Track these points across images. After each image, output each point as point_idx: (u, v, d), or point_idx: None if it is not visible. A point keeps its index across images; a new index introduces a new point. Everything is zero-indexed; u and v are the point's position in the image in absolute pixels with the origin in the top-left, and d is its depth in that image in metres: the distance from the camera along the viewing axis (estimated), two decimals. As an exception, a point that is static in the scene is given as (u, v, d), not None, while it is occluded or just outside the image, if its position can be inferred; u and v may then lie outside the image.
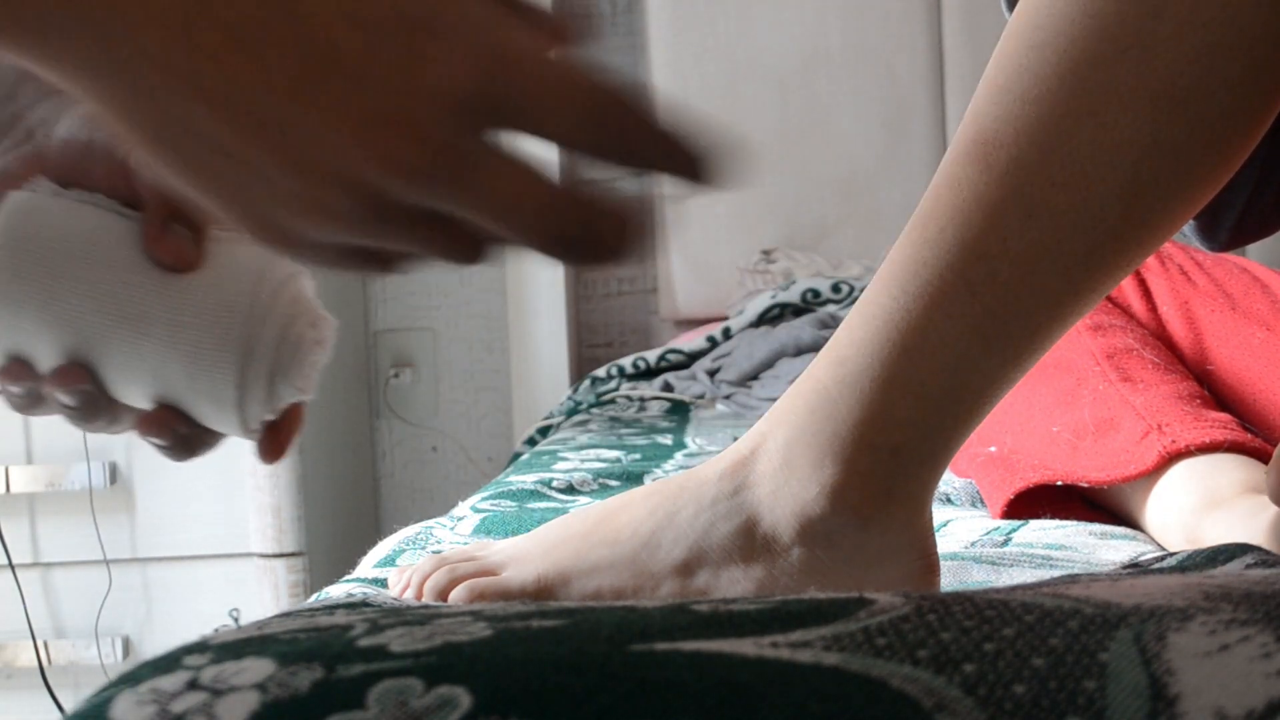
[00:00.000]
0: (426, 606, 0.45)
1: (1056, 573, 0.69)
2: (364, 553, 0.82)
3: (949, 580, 0.69)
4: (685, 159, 0.36)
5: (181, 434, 0.50)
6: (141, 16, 0.31)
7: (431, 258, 0.37)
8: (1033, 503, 0.88)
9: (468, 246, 0.37)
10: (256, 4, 0.31)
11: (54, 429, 1.83)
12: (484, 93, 0.33)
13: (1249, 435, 0.82)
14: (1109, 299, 0.99)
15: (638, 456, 1.26)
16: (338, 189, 0.33)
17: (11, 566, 1.79)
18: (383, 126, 0.32)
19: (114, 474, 1.83)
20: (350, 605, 0.56)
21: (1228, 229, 0.76)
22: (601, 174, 0.36)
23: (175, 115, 0.33)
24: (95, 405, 0.49)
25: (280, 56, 0.31)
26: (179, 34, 0.31)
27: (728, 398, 1.74)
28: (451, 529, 0.87)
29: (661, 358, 1.94)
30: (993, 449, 0.90)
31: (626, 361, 1.94)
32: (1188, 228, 0.78)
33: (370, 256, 0.38)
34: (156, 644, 1.84)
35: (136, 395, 0.50)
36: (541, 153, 0.36)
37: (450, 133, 0.33)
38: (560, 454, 1.27)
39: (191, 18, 0.31)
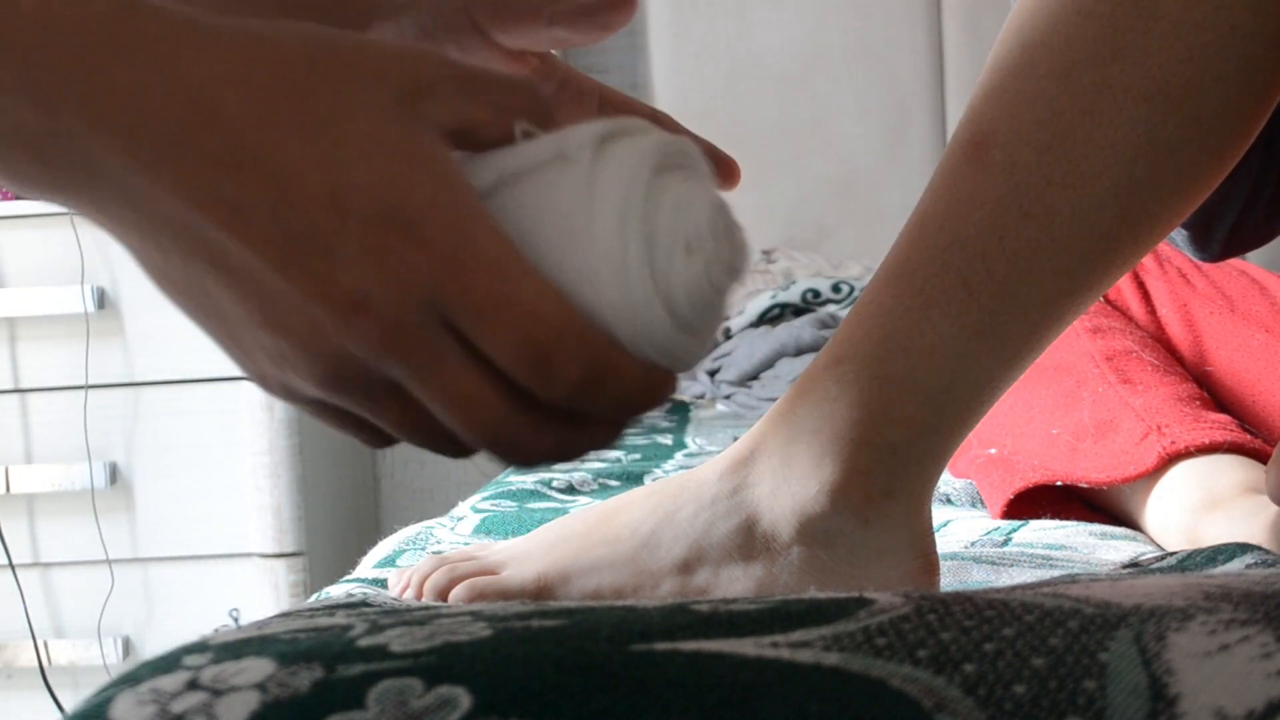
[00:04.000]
0: (426, 606, 0.45)
1: (1056, 573, 0.69)
2: (364, 553, 0.82)
3: (949, 580, 0.69)
4: (600, 427, 0.39)
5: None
6: (175, 202, 0.37)
7: (404, 437, 0.40)
8: (1032, 504, 0.88)
9: (435, 435, 0.39)
10: (255, 186, 0.36)
11: (55, 429, 1.83)
12: (437, 297, 0.36)
13: (1248, 436, 0.82)
14: (1108, 301, 0.99)
15: (638, 456, 1.26)
16: (307, 351, 0.37)
17: (12, 566, 1.79)
18: (350, 306, 0.36)
19: (114, 474, 1.83)
20: (350, 605, 0.56)
21: (1220, 240, 0.77)
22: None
23: (183, 272, 0.38)
24: None
25: (270, 235, 0.36)
26: (197, 212, 0.37)
27: (728, 398, 1.74)
28: (451, 529, 0.87)
29: (661, 358, 1.93)
30: (993, 451, 0.90)
31: (626, 362, 1.94)
32: (1181, 238, 0.78)
33: (359, 423, 0.41)
34: (156, 644, 1.83)
35: None
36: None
37: (409, 323, 0.36)
38: (560, 454, 1.27)
39: (204, 201, 0.36)
